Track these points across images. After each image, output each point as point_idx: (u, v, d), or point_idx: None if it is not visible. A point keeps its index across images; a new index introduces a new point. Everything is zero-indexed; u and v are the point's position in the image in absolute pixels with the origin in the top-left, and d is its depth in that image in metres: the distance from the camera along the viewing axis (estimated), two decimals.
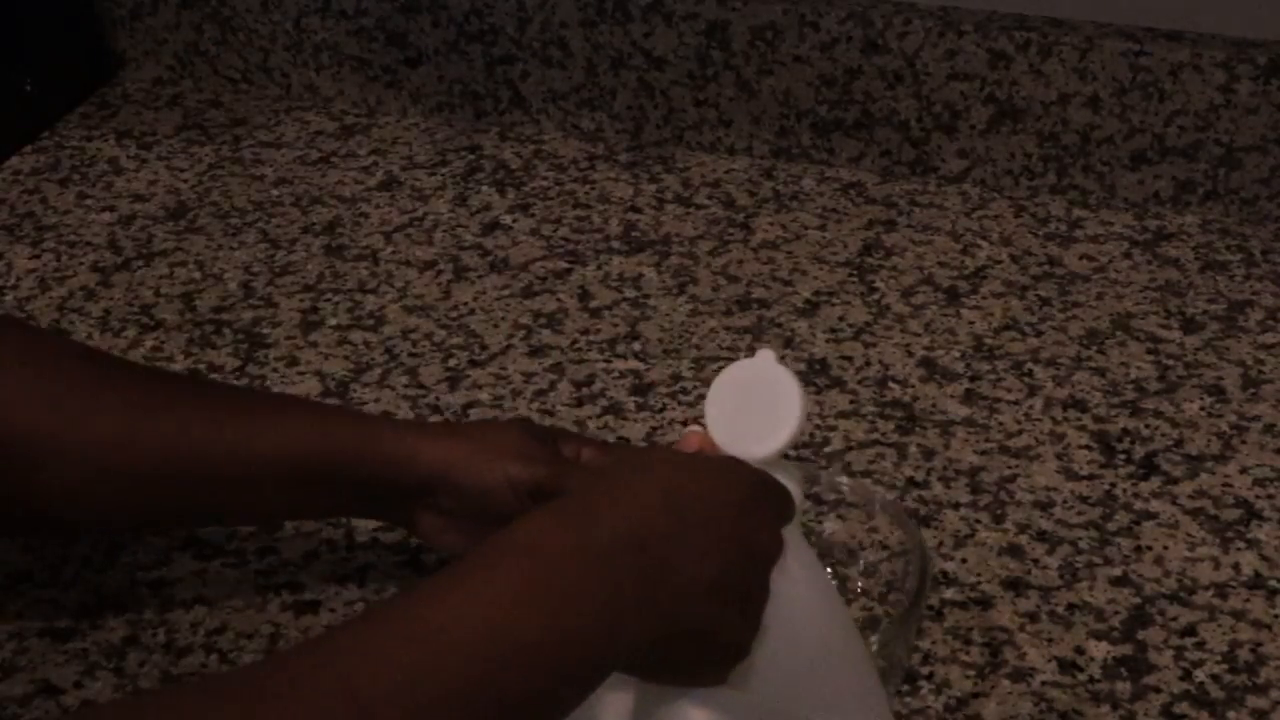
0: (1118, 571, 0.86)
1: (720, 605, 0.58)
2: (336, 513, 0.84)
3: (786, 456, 0.65)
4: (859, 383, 1.00)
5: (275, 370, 1.03)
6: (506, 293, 1.10)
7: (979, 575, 0.86)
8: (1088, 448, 0.94)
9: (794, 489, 0.65)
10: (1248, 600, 0.84)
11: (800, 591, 0.63)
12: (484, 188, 1.23)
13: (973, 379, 1.00)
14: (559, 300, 1.09)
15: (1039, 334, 1.04)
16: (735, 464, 0.63)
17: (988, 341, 1.04)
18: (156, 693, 0.63)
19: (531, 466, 0.74)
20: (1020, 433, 0.96)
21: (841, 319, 1.06)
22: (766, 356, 0.65)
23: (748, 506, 0.61)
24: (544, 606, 0.52)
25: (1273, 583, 0.85)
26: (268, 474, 0.75)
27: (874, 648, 0.73)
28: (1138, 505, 0.90)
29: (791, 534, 0.64)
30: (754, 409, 0.64)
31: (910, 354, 1.03)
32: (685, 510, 0.58)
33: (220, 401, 0.79)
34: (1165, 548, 0.87)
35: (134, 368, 0.87)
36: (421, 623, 0.50)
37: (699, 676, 0.59)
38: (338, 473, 0.75)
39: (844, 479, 0.84)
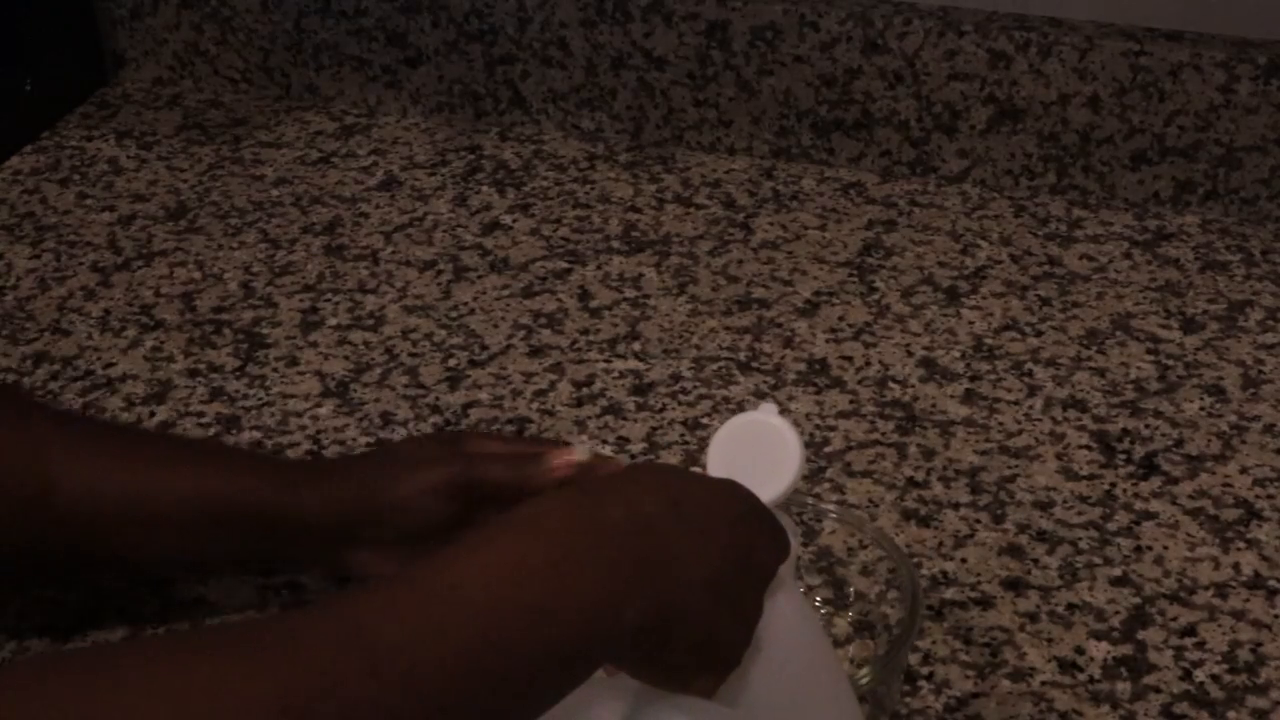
0: (1118, 571, 0.86)
1: (714, 604, 0.58)
2: (252, 558, 0.84)
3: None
4: (859, 383, 1.00)
5: (275, 370, 1.03)
6: (506, 293, 1.10)
7: (979, 575, 0.86)
8: (1088, 448, 0.94)
9: (790, 537, 0.67)
10: (1248, 600, 0.84)
11: (792, 627, 0.64)
12: (484, 188, 1.23)
13: (973, 379, 1.00)
14: (559, 300, 1.09)
15: (1039, 334, 1.04)
16: (735, 485, 0.64)
17: (988, 341, 1.04)
18: (142, 642, 0.63)
19: (439, 467, 0.76)
20: (1020, 433, 0.96)
21: (841, 319, 1.06)
22: (769, 410, 0.67)
23: (746, 521, 0.62)
24: (549, 575, 0.53)
25: (1273, 583, 0.85)
26: (174, 517, 0.77)
27: (864, 681, 0.73)
28: (1138, 505, 0.90)
29: (786, 575, 0.65)
30: (754, 459, 0.66)
31: (910, 354, 1.03)
32: (685, 509, 0.59)
33: (141, 446, 0.81)
34: (1165, 548, 0.87)
35: (64, 416, 0.89)
36: (430, 583, 0.51)
37: (690, 682, 0.59)
38: (243, 518, 0.77)
39: (832, 509, 0.84)
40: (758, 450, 0.67)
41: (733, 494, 0.63)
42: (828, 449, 0.94)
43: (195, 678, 0.45)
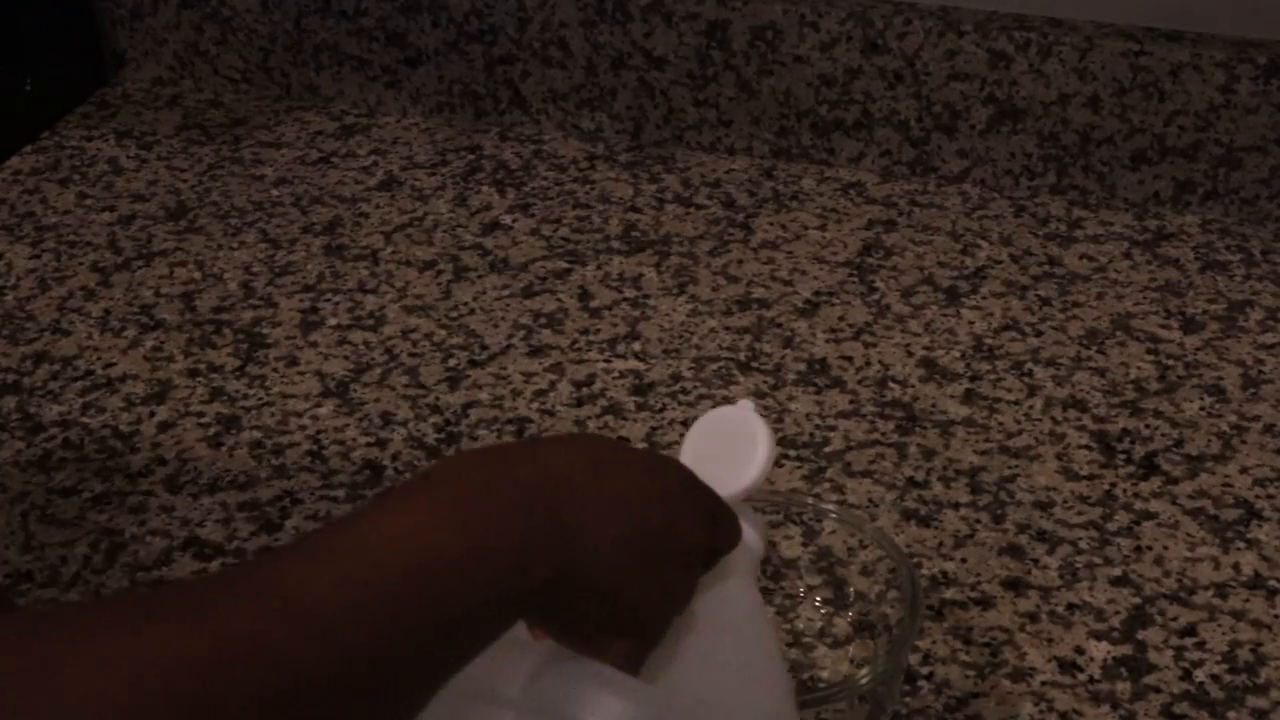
0: (1118, 571, 0.86)
1: (627, 569, 0.58)
2: None
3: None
4: (859, 383, 1.00)
5: (275, 370, 1.03)
6: (506, 293, 1.10)
7: (979, 575, 0.86)
8: (1088, 448, 0.94)
9: (753, 536, 0.67)
10: (1248, 600, 0.84)
11: (737, 621, 0.64)
12: (484, 188, 1.23)
13: (973, 379, 1.00)
14: (559, 300, 1.09)
15: (1039, 334, 1.04)
16: (674, 462, 0.64)
17: (988, 341, 1.04)
18: (66, 605, 0.63)
19: None
20: (1020, 433, 0.96)
21: (841, 319, 1.06)
22: (746, 405, 0.68)
23: (677, 498, 0.62)
24: (462, 528, 0.53)
25: (1273, 583, 0.85)
26: None
27: (864, 681, 0.73)
28: (1138, 505, 0.90)
29: (740, 567, 0.65)
30: (725, 454, 0.67)
31: (910, 354, 1.03)
32: (605, 475, 0.59)
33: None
34: (1165, 548, 0.87)
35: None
36: (347, 538, 0.52)
37: (605, 647, 0.59)
38: None
39: (832, 509, 0.84)
40: (729, 444, 0.67)
41: (666, 470, 0.63)
42: (828, 449, 0.94)
43: (114, 636, 0.45)
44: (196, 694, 0.44)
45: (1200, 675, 0.79)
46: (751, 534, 0.67)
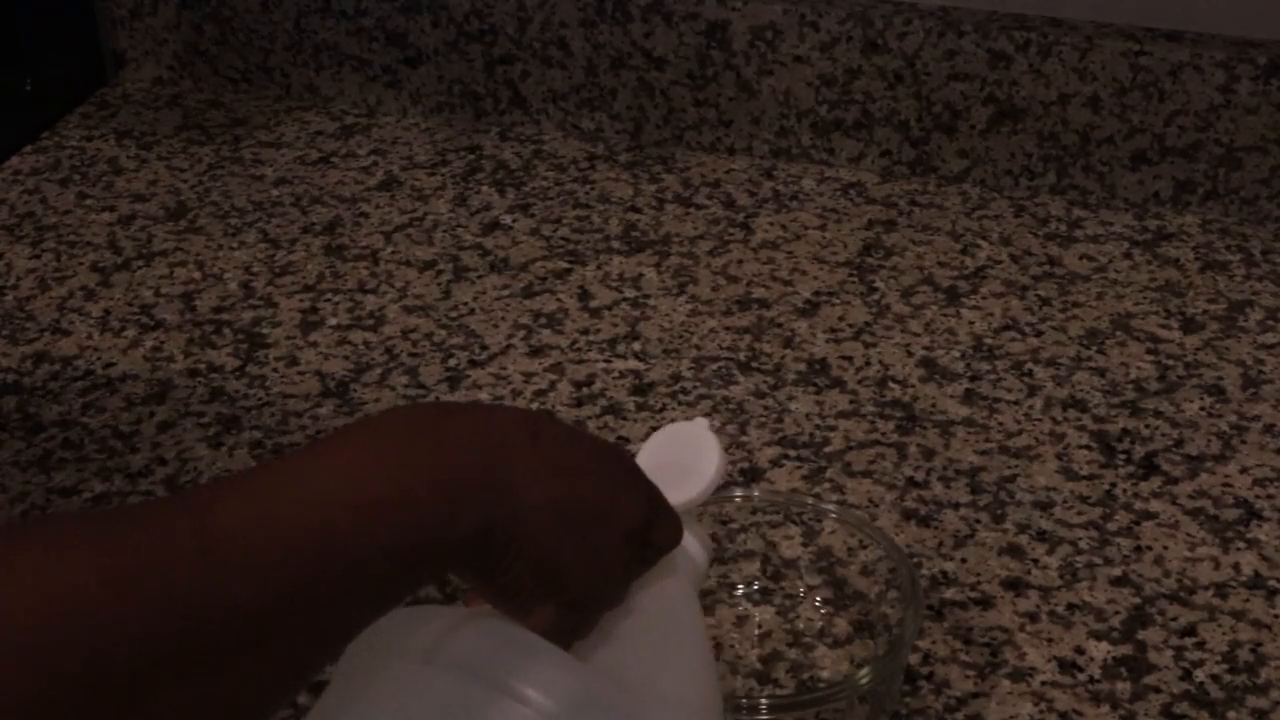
0: (1118, 571, 0.86)
1: (557, 533, 0.58)
2: None
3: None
4: (859, 383, 1.00)
5: (275, 370, 1.03)
6: (506, 293, 1.10)
7: (979, 575, 0.86)
8: (1088, 448, 0.94)
9: (697, 548, 0.68)
10: (1248, 600, 0.84)
11: (671, 619, 0.64)
12: (484, 188, 1.23)
13: (973, 379, 1.00)
14: (559, 300, 1.09)
15: (1039, 334, 1.04)
16: (621, 450, 0.65)
17: (988, 341, 1.04)
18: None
19: None
20: (1020, 433, 0.96)
21: (841, 319, 1.06)
22: (702, 424, 0.70)
23: (617, 479, 0.62)
24: (386, 474, 0.53)
25: (1273, 583, 0.85)
26: None
27: (864, 681, 0.73)
28: (1138, 505, 0.90)
29: (680, 568, 0.66)
30: (677, 466, 0.69)
31: (910, 354, 1.03)
32: (544, 443, 0.60)
33: None
34: (1165, 548, 0.87)
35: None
36: (272, 475, 0.52)
37: (530, 609, 0.59)
38: None
39: (832, 509, 0.84)
40: (683, 457, 0.69)
41: (608, 452, 0.63)
42: (828, 449, 0.94)
43: (25, 557, 0.45)
44: (100, 619, 0.44)
45: (1200, 675, 0.79)
46: (695, 545, 0.68)
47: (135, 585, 0.46)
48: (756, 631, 0.82)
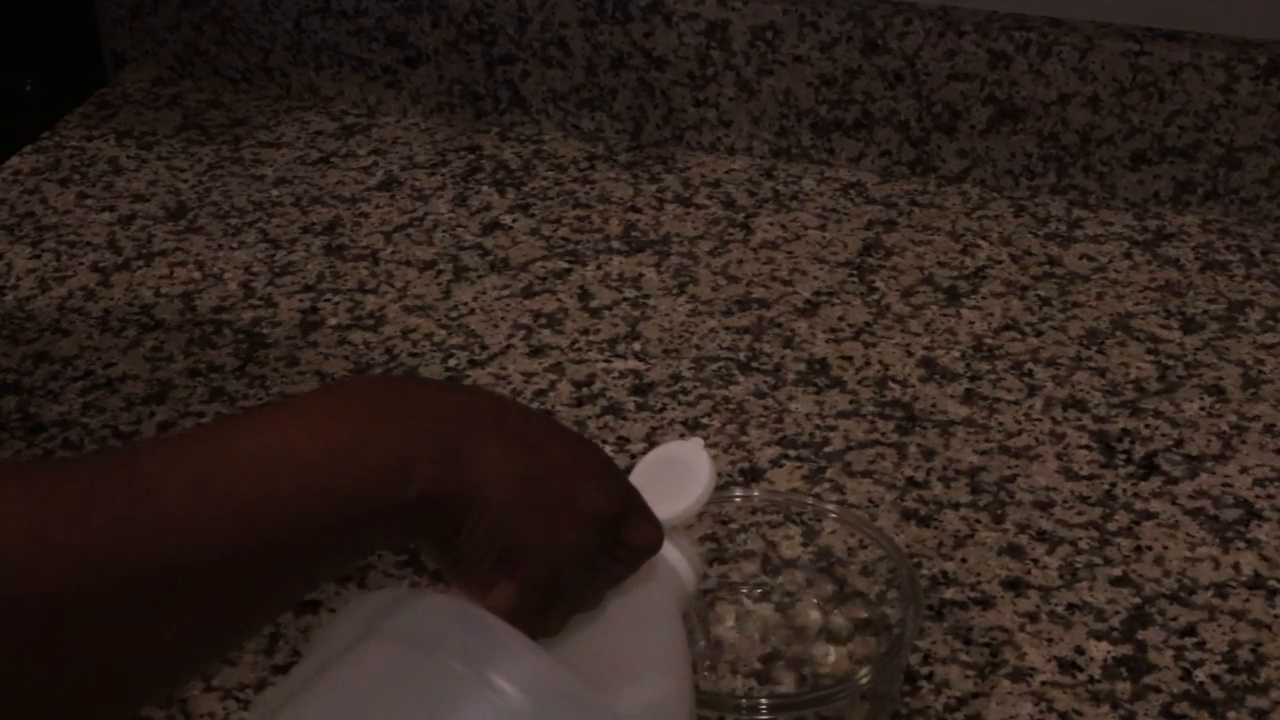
0: (1118, 571, 0.86)
1: (518, 507, 0.57)
2: None
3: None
4: (859, 383, 1.00)
5: (275, 370, 1.03)
6: (506, 293, 1.10)
7: (979, 575, 0.86)
8: (1088, 448, 0.94)
9: (684, 565, 0.68)
10: (1248, 600, 0.84)
11: (649, 626, 0.64)
12: (484, 188, 1.23)
13: (973, 379, 1.00)
14: (559, 300, 1.09)
15: (1039, 334, 1.04)
16: (593, 443, 0.64)
17: (988, 341, 1.04)
18: None
19: None
20: (1020, 433, 0.96)
21: (841, 319, 1.06)
22: (696, 443, 0.71)
23: (582, 463, 0.61)
24: (331, 432, 0.53)
25: (1273, 583, 0.85)
26: None
27: (864, 681, 0.73)
28: (1138, 505, 0.90)
29: (665, 594, 0.65)
30: (669, 482, 0.69)
31: (910, 354, 1.03)
32: (513, 418, 0.59)
33: None
34: (1165, 548, 0.87)
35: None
36: (211, 432, 0.53)
37: (490, 586, 0.58)
38: None
39: (832, 509, 0.84)
40: (676, 474, 0.70)
41: (581, 443, 0.63)
42: (828, 449, 0.94)
43: None
44: (18, 566, 0.45)
45: (1200, 675, 0.79)
46: (683, 562, 0.68)
47: (56, 534, 0.46)
48: (756, 630, 0.82)
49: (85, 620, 0.46)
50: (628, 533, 0.62)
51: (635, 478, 0.69)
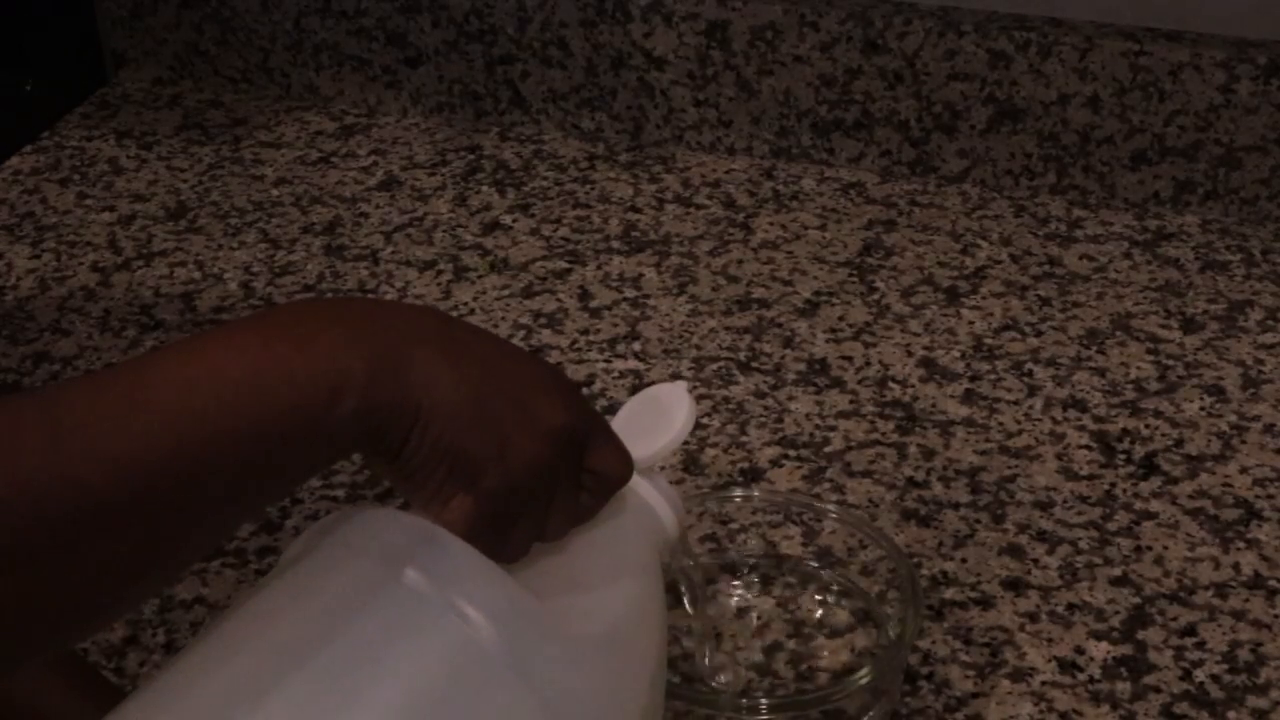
0: (1118, 571, 0.86)
1: (466, 418, 0.56)
2: None
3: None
4: (859, 383, 1.00)
5: None
6: (506, 293, 1.10)
7: (979, 575, 0.86)
8: (1088, 448, 0.94)
9: (664, 506, 0.67)
10: (1248, 600, 0.84)
11: (617, 575, 0.62)
12: (484, 188, 1.23)
13: (973, 379, 1.00)
14: (559, 300, 1.09)
15: (1039, 334, 1.04)
16: (547, 362, 0.64)
17: (988, 341, 1.04)
18: None
19: None
20: (1020, 433, 0.96)
21: (841, 319, 1.06)
22: (680, 386, 0.71)
23: (535, 376, 0.60)
24: (264, 354, 0.52)
25: (1273, 583, 0.85)
26: None
27: (864, 680, 0.73)
28: (1138, 505, 0.90)
29: (638, 534, 0.65)
30: (651, 423, 0.68)
31: (910, 354, 1.03)
32: (461, 333, 0.58)
33: None
34: (1165, 548, 0.87)
35: None
36: (133, 365, 0.52)
37: (446, 500, 0.57)
38: None
39: (832, 509, 0.84)
40: (658, 414, 0.69)
41: (534, 359, 0.62)
42: (828, 449, 0.94)
43: None
44: None
45: (1200, 675, 0.79)
46: (661, 502, 0.67)
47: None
48: (756, 623, 0.82)
49: (5, 557, 0.46)
50: (593, 459, 0.61)
51: (618, 419, 0.68)
